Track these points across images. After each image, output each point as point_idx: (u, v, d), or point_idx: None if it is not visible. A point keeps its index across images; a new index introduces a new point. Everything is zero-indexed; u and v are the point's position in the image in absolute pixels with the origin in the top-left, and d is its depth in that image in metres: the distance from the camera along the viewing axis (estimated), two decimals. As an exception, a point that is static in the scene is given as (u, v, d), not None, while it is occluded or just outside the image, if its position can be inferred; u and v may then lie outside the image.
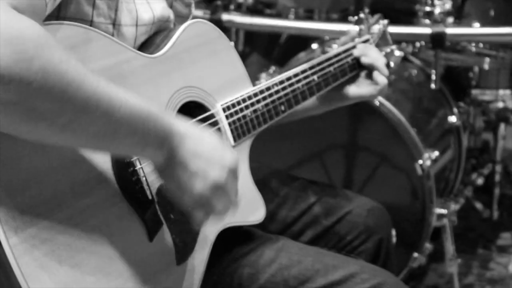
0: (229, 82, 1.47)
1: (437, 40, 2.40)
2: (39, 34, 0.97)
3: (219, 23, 2.48)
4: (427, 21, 2.51)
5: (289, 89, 1.54)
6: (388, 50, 1.81)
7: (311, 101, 1.63)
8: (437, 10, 2.44)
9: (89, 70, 1.03)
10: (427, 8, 2.52)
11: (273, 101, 1.51)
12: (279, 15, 2.72)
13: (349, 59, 1.67)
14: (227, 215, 1.23)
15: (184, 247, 1.29)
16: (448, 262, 2.49)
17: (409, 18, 2.63)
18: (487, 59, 2.75)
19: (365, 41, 1.74)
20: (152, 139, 1.11)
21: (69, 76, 0.98)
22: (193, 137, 1.17)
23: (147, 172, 1.24)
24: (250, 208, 1.47)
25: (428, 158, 2.38)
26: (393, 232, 1.78)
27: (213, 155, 1.18)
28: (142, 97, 1.11)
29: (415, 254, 2.43)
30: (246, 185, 1.46)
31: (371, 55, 1.67)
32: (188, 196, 1.17)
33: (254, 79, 1.54)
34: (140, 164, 1.23)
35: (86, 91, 1.01)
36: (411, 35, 2.51)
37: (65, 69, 0.98)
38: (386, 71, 1.66)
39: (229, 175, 1.19)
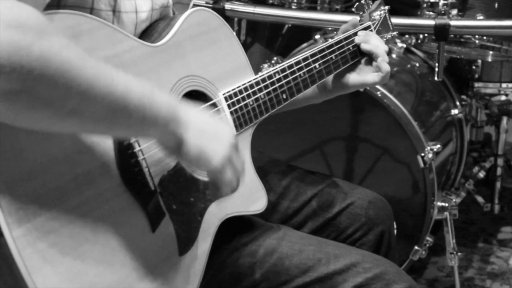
0: (231, 71, 1.46)
1: (441, 32, 2.38)
2: (37, 21, 0.95)
3: (221, 12, 2.47)
4: (431, 12, 2.49)
5: (290, 77, 1.53)
6: (389, 36, 1.79)
7: (311, 89, 1.61)
8: (441, 2, 2.42)
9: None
10: (431, 0, 2.50)
11: (274, 90, 1.50)
12: (282, 5, 2.70)
13: (350, 46, 1.66)
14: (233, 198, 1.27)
15: (186, 238, 1.28)
16: (448, 255, 2.48)
17: (413, 9, 2.61)
18: (491, 52, 2.73)
19: (366, 28, 1.73)
20: (160, 114, 1.11)
21: (70, 61, 0.97)
22: (196, 111, 1.20)
23: (150, 162, 1.23)
24: (252, 197, 1.46)
25: (430, 151, 2.37)
26: (394, 225, 1.77)
27: (219, 124, 1.23)
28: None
29: (416, 247, 2.42)
30: (248, 174, 1.45)
31: (371, 42, 1.66)
32: (215, 160, 1.17)
33: (256, 69, 1.53)
34: (143, 155, 1.22)
35: (88, 74, 1.00)
36: (414, 26, 2.48)
37: (65, 55, 0.97)
38: (387, 58, 1.64)
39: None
